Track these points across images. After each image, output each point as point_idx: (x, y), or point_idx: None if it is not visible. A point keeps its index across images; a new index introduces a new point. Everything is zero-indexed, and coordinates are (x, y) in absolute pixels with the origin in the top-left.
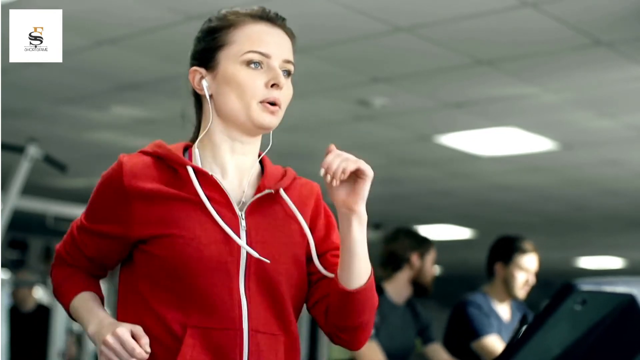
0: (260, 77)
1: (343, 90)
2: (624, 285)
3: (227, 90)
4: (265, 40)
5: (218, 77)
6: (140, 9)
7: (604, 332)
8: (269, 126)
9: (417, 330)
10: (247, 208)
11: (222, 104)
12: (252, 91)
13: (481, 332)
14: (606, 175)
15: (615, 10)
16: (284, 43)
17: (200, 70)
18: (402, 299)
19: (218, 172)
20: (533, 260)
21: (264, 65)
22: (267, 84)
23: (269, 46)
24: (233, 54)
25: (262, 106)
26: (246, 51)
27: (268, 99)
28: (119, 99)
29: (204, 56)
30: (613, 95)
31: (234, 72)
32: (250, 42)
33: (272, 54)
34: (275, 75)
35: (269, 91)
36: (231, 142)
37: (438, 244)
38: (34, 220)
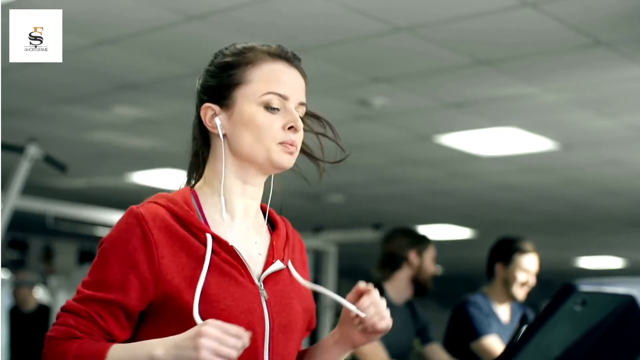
0: (278, 120)
1: (343, 90)
2: (624, 286)
3: (245, 131)
4: (283, 80)
5: (234, 117)
6: (140, 9)
7: (604, 333)
8: (288, 166)
9: (416, 330)
10: (265, 278)
11: (238, 144)
12: (271, 134)
13: (480, 333)
14: (606, 175)
15: (615, 10)
16: (300, 84)
17: (213, 107)
18: (402, 299)
19: (228, 217)
20: (533, 260)
21: (281, 107)
22: (284, 127)
23: (286, 87)
24: (250, 94)
25: (282, 147)
26: (265, 92)
27: (287, 141)
28: (119, 99)
29: (217, 93)
30: (613, 95)
31: (251, 113)
32: (268, 83)
33: (290, 96)
34: (293, 118)
35: (286, 134)
36: (243, 185)
37: (438, 244)
38: (34, 220)
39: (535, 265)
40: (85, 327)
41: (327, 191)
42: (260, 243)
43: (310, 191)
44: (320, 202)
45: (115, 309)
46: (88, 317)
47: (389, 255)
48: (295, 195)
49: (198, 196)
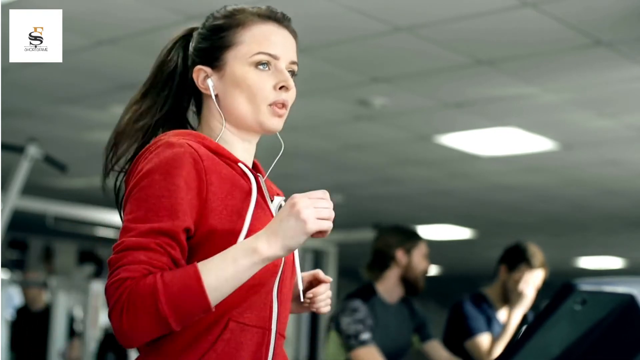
0: (269, 79)
1: (343, 90)
2: (624, 285)
3: (236, 92)
4: (274, 41)
5: (225, 78)
6: (140, 9)
7: (604, 332)
8: (276, 130)
9: (413, 327)
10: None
11: (229, 105)
12: (262, 94)
13: (474, 331)
14: (606, 175)
15: (615, 10)
16: (290, 43)
17: (205, 69)
18: (395, 298)
19: None
20: (538, 277)
21: (271, 66)
22: (275, 86)
23: (277, 47)
24: (241, 55)
25: (272, 110)
26: (255, 52)
27: (277, 102)
28: (119, 99)
29: (209, 55)
30: (613, 95)
31: (242, 74)
32: (259, 43)
33: (280, 56)
34: (284, 77)
35: (278, 93)
36: (242, 142)
37: (438, 244)
38: (34, 220)
39: (539, 280)
40: (159, 261)
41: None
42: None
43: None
44: None
45: (180, 235)
46: (160, 249)
47: (376, 254)
48: None
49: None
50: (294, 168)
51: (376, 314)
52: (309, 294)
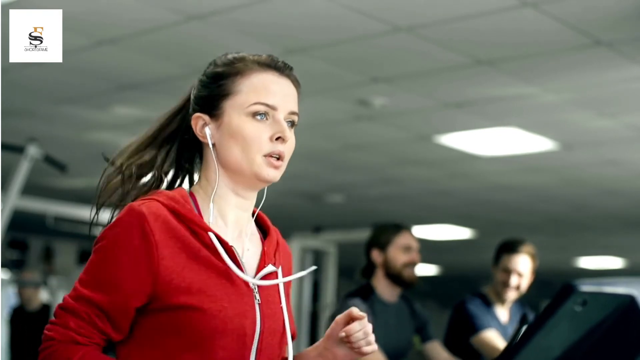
0: (266, 130)
1: (343, 90)
2: (624, 286)
3: (231, 142)
4: (273, 90)
5: (222, 127)
6: (140, 9)
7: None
8: (272, 180)
9: (414, 327)
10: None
11: (225, 155)
12: (258, 145)
13: (480, 327)
14: (606, 175)
15: (615, 10)
16: (291, 93)
17: (203, 117)
18: (394, 296)
19: (221, 224)
20: (518, 261)
21: (269, 117)
22: (272, 137)
23: (275, 97)
24: (239, 105)
25: (267, 160)
26: (252, 102)
27: (273, 153)
28: (119, 99)
29: (208, 103)
30: (613, 95)
31: (239, 124)
32: (257, 93)
33: (278, 106)
34: (281, 129)
35: (274, 145)
36: (236, 197)
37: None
38: (34, 220)
39: (521, 265)
40: (86, 331)
41: (327, 191)
42: (252, 250)
43: (310, 191)
44: (320, 202)
45: (113, 310)
46: (87, 318)
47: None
48: (295, 195)
49: (196, 199)
50: (294, 168)
51: (375, 313)
52: (342, 333)
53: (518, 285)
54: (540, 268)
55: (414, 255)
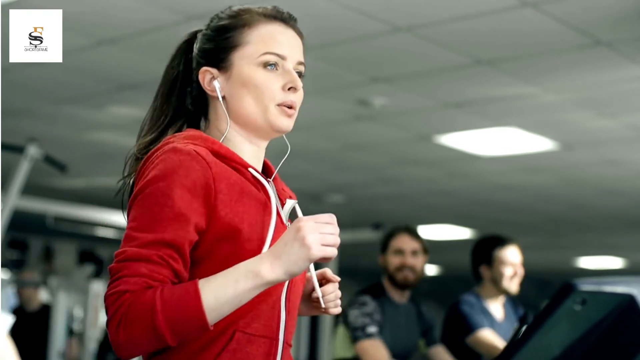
0: (277, 80)
1: (343, 90)
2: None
3: (243, 92)
4: (280, 41)
5: (232, 79)
6: (140, 9)
7: (603, 332)
8: (287, 129)
9: (421, 330)
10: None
11: (237, 106)
12: (270, 94)
13: (474, 327)
14: (606, 175)
15: (615, 10)
16: (297, 43)
17: (211, 70)
18: (402, 298)
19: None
20: (514, 252)
21: (279, 67)
22: (284, 87)
23: (284, 47)
24: (248, 55)
25: (280, 109)
26: (262, 52)
27: (286, 102)
28: (119, 99)
29: (215, 56)
30: (613, 95)
31: (250, 74)
32: (265, 43)
33: (288, 55)
34: (292, 78)
35: (286, 94)
36: (250, 146)
37: (438, 244)
38: (34, 220)
39: (517, 255)
40: (159, 274)
41: (327, 191)
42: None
43: (310, 191)
44: (320, 202)
45: (184, 245)
46: (161, 261)
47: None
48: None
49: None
50: (294, 168)
51: (385, 312)
52: (314, 294)
53: (515, 274)
54: (540, 268)
55: (405, 258)
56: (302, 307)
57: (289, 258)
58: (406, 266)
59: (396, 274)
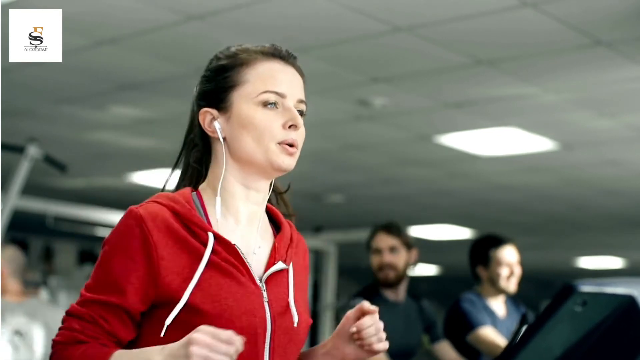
0: (277, 118)
1: (343, 90)
2: (624, 286)
3: (243, 132)
4: (279, 79)
5: (232, 119)
6: (140, 9)
7: (604, 333)
8: (288, 168)
9: (423, 327)
10: (267, 279)
11: (237, 147)
12: (270, 133)
13: (475, 324)
14: (606, 175)
15: (615, 11)
16: (297, 81)
17: (211, 111)
18: (398, 296)
19: (232, 221)
20: (511, 251)
21: (279, 105)
22: (284, 125)
23: (283, 85)
24: (247, 94)
25: (281, 147)
26: (261, 91)
27: (287, 141)
28: (119, 99)
29: (214, 97)
30: (613, 95)
31: (249, 114)
32: (264, 82)
33: (287, 94)
34: (292, 116)
35: (286, 132)
36: (246, 190)
37: (438, 244)
38: (34, 220)
39: (514, 255)
40: (90, 331)
41: (327, 191)
42: (264, 247)
43: (310, 191)
44: (320, 202)
45: (117, 310)
46: (92, 320)
47: None
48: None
49: (202, 197)
50: (294, 168)
51: (380, 312)
52: (353, 328)
53: (512, 273)
54: (540, 268)
55: (383, 257)
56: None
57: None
58: (384, 264)
59: (378, 274)
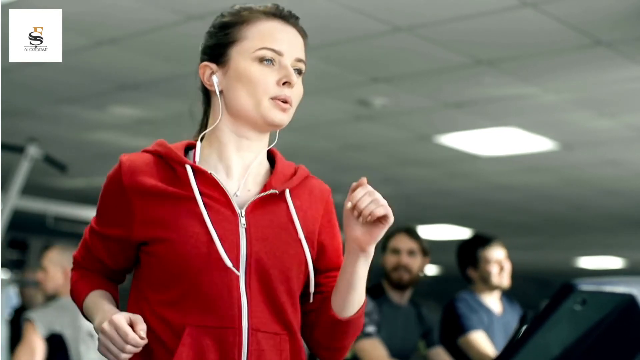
0: (272, 74)
1: (343, 90)
2: (623, 285)
3: (238, 86)
4: (278, 37)
5: (229, 73)
6: (140, 9)
7: (603, 332)
8: (280, 123)
9: (421, 332)
10: (248, 206)
11: (232, 99)
12: (264, 88)
13: (467, 328)
14: (606, 175)
15: (615, 11)
16: (297, 41)
17: (210, 65)
18: (402, 300)
19: (222, 171)
20: (497, 249)
21: (276, 62)
22: (278, 82)
23: (281, 43)
24: (245, 50)
25: (274, 103)
26: (258, 47)
27: (279, 97)
28: (119, 99)
29: (215, 51)
30: (613, 95)
31: (245, 68)
32: (263, 39)
33: (285, 52)
34: (287, 73)
35: (280, 89)
36: (238, 139)
37: (438, 244)
38: (34, 220)
39: (500, 252)
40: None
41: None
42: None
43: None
44: None
45: (105, 240)
46: (85, 246)
47: None
48: None
49: (197, 147)
50: None
51: (383, 312)
52: (348, 204)
53: (502, 269)
54: (540, 268)
55: (401, 258)
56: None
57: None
58: (401, 265)
59: (391, 274)
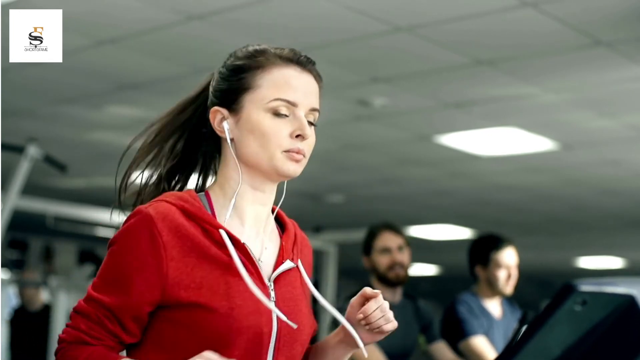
0: (286, 127)
1: (343, 90)
2: (624, 286)
3: (250, 137)
4: (294, 86)
5: (241, 122)
6: (140, 9)
7: (604, 333)
8: (294, 175)
9: (420, 326)
10: (275, 278)
11: (244, 148)
12: (277, 141)
13: (468, 333)
14: (606, 175)
15: (615, 10)
16: (312, 89)
17: (222, 111)
18: (396, 297)
19: (237, 222)
20: (511, 254)
21: (290, 113)
22: (292, 134)
23: (296, 93)
24: (259, 100)
25: (287, 155)
26: (273, 98)
27: (293, 149)
28: (119, 99)
29: (227, 97)
30: (613, 95)
31: (258, 120)
32: (278, 89)
33: (299, 102)
34: (301, 125)
35: (293, 141)
36: (253, 191)
37: (438, 244)
38: (34, 220)
39: (513, 257)
40: (95, 332)
41: (327, 191)
42: (271, 248)
43: (310, 191)
44: (320, 202)
45: (123, 312)
46: (97, 320)
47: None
48: (295, 195)
49: (210, 197)
50: None
51: None
52: (359, 315)
53: (510, 276)
54: (540, 268)
55: (394, 256)
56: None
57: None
58: (396, 263)
59: (387, 273)
